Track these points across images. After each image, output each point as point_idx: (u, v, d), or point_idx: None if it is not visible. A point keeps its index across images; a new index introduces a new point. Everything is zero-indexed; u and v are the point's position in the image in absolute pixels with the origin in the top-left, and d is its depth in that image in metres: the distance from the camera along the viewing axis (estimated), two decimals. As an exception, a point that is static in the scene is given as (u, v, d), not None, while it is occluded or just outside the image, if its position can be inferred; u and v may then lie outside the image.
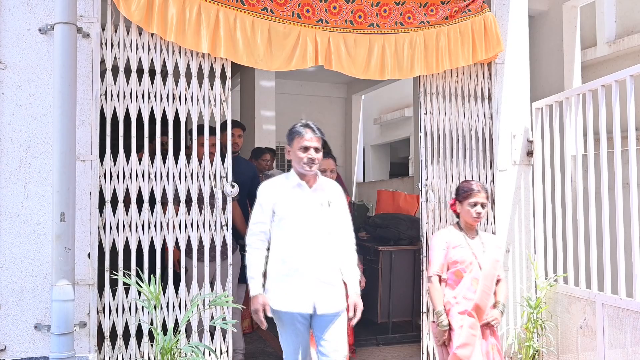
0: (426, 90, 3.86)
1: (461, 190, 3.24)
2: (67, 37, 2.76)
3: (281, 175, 2.91)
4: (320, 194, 2.81)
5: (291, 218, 2.74)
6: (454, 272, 3.15)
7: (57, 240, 2.71)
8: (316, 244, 2.75)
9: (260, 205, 2.79)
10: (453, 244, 3.17)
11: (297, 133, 2.77)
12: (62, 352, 2.70)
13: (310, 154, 2.73)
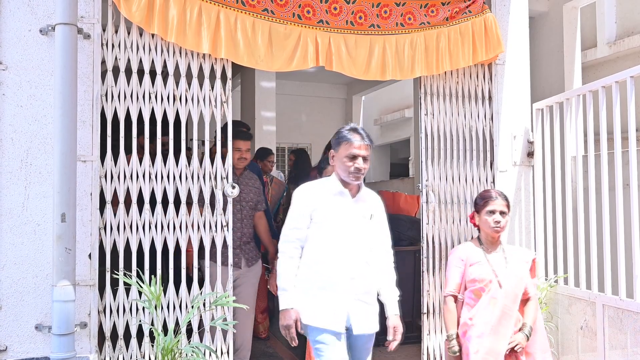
0: (427, 91, 3.86)
1: (478, 198, 3.04)
2: (68, 38, 2.77)
3: (320, 180, 2.76)
4: (362, 206, 2.64)
5: (330, 227, 2.56)
6: (473, 291, 2.90)
7: (58, 240, 2.72)
8: (355, 258, 2.57)
9: (298, 210, 2.59)
10: (471, 261, 2.92)
11: (345, 139, 2.57)
12: (63, 353, 2.70)
13: (358, 163, 2.54)
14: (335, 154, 2.62)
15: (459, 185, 3.92)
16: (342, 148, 2.57)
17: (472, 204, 3.97)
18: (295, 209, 2.61)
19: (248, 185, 3.86)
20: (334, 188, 2.61)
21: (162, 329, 2.89)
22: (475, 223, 3.06)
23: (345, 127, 2.65)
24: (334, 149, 2.63)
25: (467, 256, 2.95)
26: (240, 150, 3.72)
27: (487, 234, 2.96)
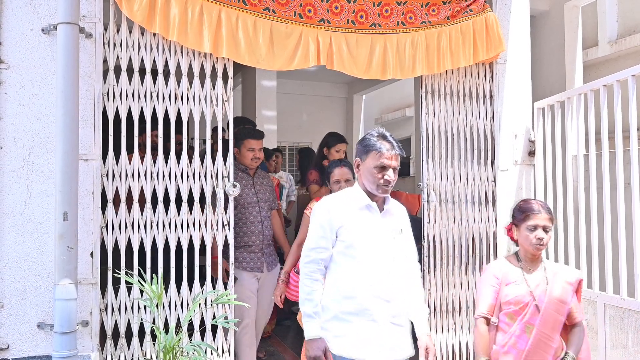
0: (428, 90, 3.86)
1: (517, 210, 2.69)
2: (70, 37, 2.77)
3: (341, 192, 2.53)
4: (390, 220, 2.44)
5: (360, 245, 2.33)
6: (507, 315, 2.57)
7: (59, 239, 2.72)
8: (390, 279, 2.35)
9: (322, 227, 2.35)
10: (507, 280, 2.60)
11: (374, 147, 2.34)
12: (65, 351, 2.71)
13: (388, 175, 2.33)
14: (361, 162, 2.40)
15: (459, 184, 3.93)
16: (370, 157, 2.34)
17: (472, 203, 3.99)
18: (318, 226, 2.36)
19: (263, 185, 3.85)
20: (360, 201, 2.38)
21: (163, 327, 2.90)
22: (512, 237, 2.73)
23: (372, 132, 2.42)
24: (360, 157, 2.40)
25: (503, 274, 2.61)
26: (254, 150, 3.69)
27: (527, 250, 2.62)
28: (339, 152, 4.14)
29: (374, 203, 2.38)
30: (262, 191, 3.80)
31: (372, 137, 2.39)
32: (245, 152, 3.68)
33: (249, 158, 3.67)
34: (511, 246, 4.01)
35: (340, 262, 2.35)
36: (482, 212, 3.98)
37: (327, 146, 4.21)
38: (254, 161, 3.71)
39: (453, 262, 3.86)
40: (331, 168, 3.37)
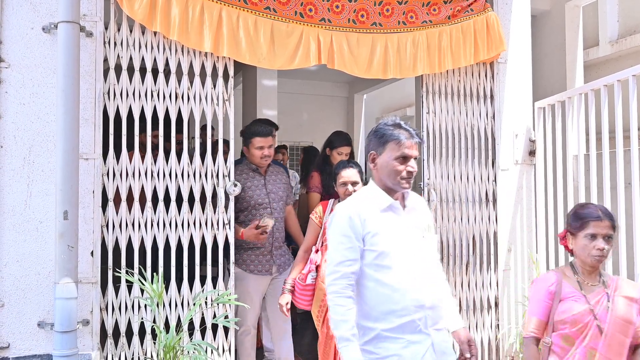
0: (428, 90, 3.86)
1: (574, 217, 2.37)
2: (71, 36, 2.77)
3: (357, 194, 2.26)
4: (415, 217, 2.20)
5: (394, 254, 2.08)
6: (563, 337, 2.25)
7: (60, 238, 2.73)
8: (429, 285, 2.12)
9: (346, 237, 2.07)
10: (562, 295, 2.28)
11: (392, 137, 2.11)
12: (65, 350, 2.72)
13: (411, 166, 2.11)
14: (376, 155, 2.15)
15: (460, 183, 3.93)
16: (388, 149, 2.11)
17: (473, 203, 3.99)
18: (342, 236, 2.08)
19: (277, 183, 3.64)
20: (382, 202, 2.13)
21: (164, 326, 2.90)
22: (567, 246, 2.40)
23: (386, 122, 2.19)
24: (375, 150, 2.16)
25: (557, 288, 2.29)
26: (262, 148, 3.47)
27: (585, 262, 2.30)
28: (341, 155, 3.85)
29: (396, 201, 2.15)
30: (275, 190, 3.59)
31: (387, 126, 2.16)
32: (254, 150, 3.48)
33: (258, 157, 3.47)
34: (511, 246, 4.02)
35: (373, 275, 2.08)
36: (482, 211, 3.98)
37: (330, 146, 3.94)
38: (264, 160, 3.49)
39: (454, 262, 3.86)
40: (338, 169, 3.20)
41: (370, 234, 2.07)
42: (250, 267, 3.48)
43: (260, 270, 3.49)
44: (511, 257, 4.03)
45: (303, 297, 3.16)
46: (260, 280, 3.50)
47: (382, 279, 2.07)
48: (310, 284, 3.14)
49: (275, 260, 3.55)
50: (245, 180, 3.46)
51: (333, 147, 3.90)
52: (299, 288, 3.17)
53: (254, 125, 3.56)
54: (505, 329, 3.94)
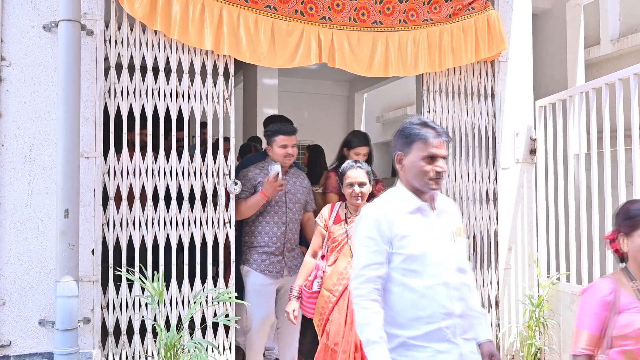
0: (429, 88, 3.86)
1: (624, 216, 2.10)
2: (71, 35, 2.77)
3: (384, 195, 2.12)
4: (446, 219, 2.09)
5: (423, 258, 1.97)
6: (624, 353, 1.99)
7: (61, 236, 2.73)
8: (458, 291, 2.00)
9: (373, 239, 1.98)
10: (620, 306, 2.00)
11: (419, 136, 2.01)
12: (66, 348, 2.72)
13: (439, 165, 2.00)
14: (404, 157, 2.04)
15: (461, 182, 3.92)
16: (415, 148, 2.01)
17: (473, 201, 3.99)
18: (368, 239, 1.99)
19: (296, 185, 3.55)
20: (410, 203, 2.03)
21: (164, 324, 2.90)
22: (618, 249, 2.13)
23: (412, 121, 2.08)
24: (402, 151, 2.05)
25: (614, 298, 2.01)
26: (286, 146, 3.41)
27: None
28: (359, 155, 3.72)
29: (425, 203, 2.04)
30: (294, 191, 3.51)
31: (413, 125, 2.05)
32: (277, 149, 3.41)
33: (281, 155, 3.40)
34: (512, 245, 4.02)
35: (400, 280, 1.98)
36: (483, 210, 3.98)
37: (347, 146, 3.81)
38: (287, 158, 3.43)
39: (454, 261, 3.85)
40: (344, 169, 3.10)
41: (398, 237, 1.98)
42: (261, 266, 3.40)
43: (271, 270, 3.41)
44: (512, 256, 4.03)
45: (310, 304, 3.09)
46: (270, 280, 3.41)
47: (409, 283, 1.97)
48: (317, 291, 3.07)
49: (287, 262, 3.45)
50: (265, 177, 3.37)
51: (351, 147, 3.78)
52: (305, 295, 3.10)
53: (277, 123, 3.54)
54: (506, 328, 3.94)
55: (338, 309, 2.91)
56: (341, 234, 3.06)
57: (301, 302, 3.12)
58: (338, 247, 3.06)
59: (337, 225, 3.10)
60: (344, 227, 3.07)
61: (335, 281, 2.97)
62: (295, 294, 3.13)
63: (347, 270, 2.92)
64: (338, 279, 2.96)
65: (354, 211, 3.07)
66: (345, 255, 3.00)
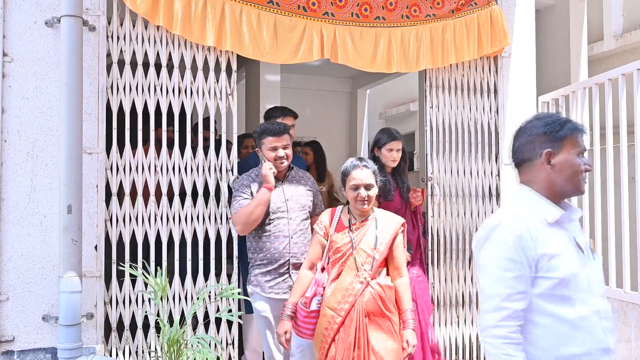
0: (432, 84, 3.85)
1: None
2: (74, 30, 2.77)
3: (515, 204, 1.75)
4: (577, 230, 1.75)
5: (574, 281, 1.62)
6: None
7: (64, 232, 2.73)
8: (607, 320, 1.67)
9: (515, 262, 1.60)
10: None
11: (574, 131, 1.69)
12: (70, 343, 2.73)
13: (588, 163, 1.71)
14: (554, 155, 1.69)
15: (464, 178, 3.92)
16: (568, 144, 1.68)
17: (476, 197, 3.98)
18: (508, 261, 1.61)
19: (298, 190, 3.12)
20: (549, 213, 1.67)
21: (167, 320, 2.91)
22: None
23: (547, 115, 1.76)
24: (551, 147, 1.69)
25: None
26: (275, 149, 3.01)
27: None
28: (392, 151, 3.34)
29: (566, 213, 1.70)
30: (295, 198, 3.09)
31: (556, 119, 1.72)
32: (266, 152, 3.02)
33: (271, 160, 3.00)
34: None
35: (547, 309, 1.61)
36: (485, 206, 3.97)
37: (377, 145, 3.39)
38: (279, 162, 3.01)
39: (457, 256, 3.86)
40: (348, 169, 2.72)
41: (547, 257, 1.61)
42: (266, 289, 3.02)
43: (277, 292, 3.01)
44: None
45: (306, 325, 2.69)
46: (276, 302, 3.00)
47: (560, 313, 1.60)
48: (315, 310, 2.68)
49: (293, 279, 2.99)
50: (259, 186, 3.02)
51: (381, 144, 3.37)
52: (301, 315, 2.70)
53: (265, 123, 3.16)
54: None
55: (344, 330, 2.56)
56: (345, 243, 2.68)
57: (295, 323, 2.72)
58: (342, 259, 2.67)
59: (340, 234, 2.71)
60: (348, 235, 2.69)
61: (340, 298, 2.59)
62: (289, 312, 2.72)
63: (353, 285, 2.59)
64: (343, 295, 2.59)
65: (360, 217, 2.73)
66: (351, 268, 2.63)
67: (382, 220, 2.73)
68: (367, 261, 2.63)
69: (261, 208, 2.95)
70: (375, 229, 2.69)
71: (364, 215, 2.73)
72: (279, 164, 3.02)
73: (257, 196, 2.97)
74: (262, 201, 2.95)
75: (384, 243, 2.67)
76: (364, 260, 2.63)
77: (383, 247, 2.66)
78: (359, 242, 2.66)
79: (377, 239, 2.66)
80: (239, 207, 2.99)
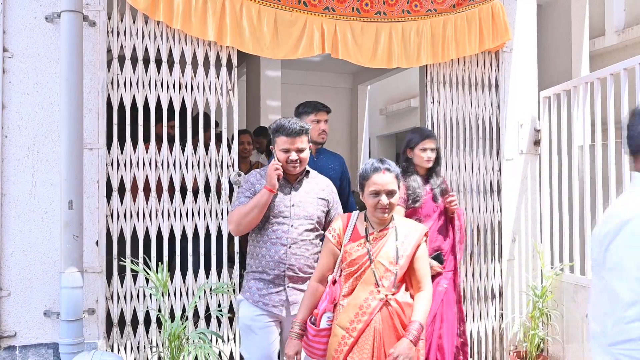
0: (433, 79, 3.84)
1: None
2: (74, 25, 2.77)
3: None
4: None
5: None
6: None
7: (65, 228, 2.74)
8: None
9: None
10: None
11: None
12: (72, 339, 2.74)
13: None
14: None
15: (464, 173, 3.91)
16: None
17: (477, 192, 3.98)
18: None
19: (309, 195, 2.74)
20: None
21: (169, 315, 2.91)
22: None
23: None
24: None
25: None
26: (288, 151, 2.64)
27: None
28: (426, 151, 3.14)
29: None
30: (303, 205, 2.70)
31: None
32: (278, 152, 2.66)
33: (283, 161, 2.64)
34: (515, 236, 4.01)
35: None
36: (487, 201, 3.97)
37: (410, 146, 3.19)
38: (291, 165, 2.64)
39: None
40: (367, 172, 2.38)
41: None
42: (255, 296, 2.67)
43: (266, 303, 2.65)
44: (515, 247, 4.03)
45: (317, 345, 2.38)
46: (264, 313, 2.65)
47: None
48: (326, 329, 2.36)
49: (289, 295, 2.64)
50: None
51: (414, 145, 3.16)
52: (310, 334, 2.39)
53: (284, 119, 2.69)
54: (509, 319, 3.95)
55: (358, 351, 2.26)
56: (361, 255, 2.34)
57: (305, 342, 2.42)
58: (357, 273, 2.34)
59: (355, 244, 2.37)
60: (365, 246, 2.36)
61: (354, 317, 2.28)
62: (297, 330, 2.41)
63: (368, 303, 2.28)
64: (357, 314, 2.28)
65: (378, 226, 2.40)
66: (367, 283, 2.31)
67: (403, 230, 2.40)
68: (386, 276, 2.31)
69: (257, 211, 2.60)
70: (396, 239, 2.36)
71: (383, 224, 2.40)
72: (291, 168, 2.66)
73: (255, 197, 2.62)
74: (260, 204, 2.59)
75: (405, 256, 2.34)
76: (382, 275, 2.31)
77: (404, 261, 2.33)
78: (377, 255, 2.33)
79: (397, 251, 2.34)
80: (238, 204, 2.68)
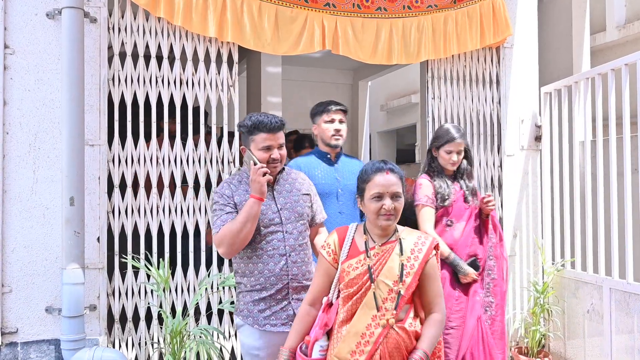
0: (434, 75, 3.84)
1: None
2: (75, 22, 2.77)
3: None
4: None
5: None
6: None
7: (66, 224, 2.74)
8: None
9: None
10: None
11: None
12: (73, 335, 2.75)
13: None
14: None
15: (465, 169, 3.91)
16: None
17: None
18: None
19: (292, 194, 2.43)
20: None
21: (170, 311, 2.92)
22: None
23: None
24: None
25: None
26: (270, 147, 2.32)
27: None
28: (451, 153, 2.96)
29: None
30: (290, 206, 2.40)
31: None
32: (257, 152, 2.33)
33: (264, 161, 2.31)
34: (517, 232, 4.02)
35: None
36: (488, 197, 3.96)
37: (435, 145, 3.03)
38: (272, 165, 2.34)
39: (458, 248, 3.85)
40: (368, 172, 2.08)
41: None
42: (259, 320, 2.33)
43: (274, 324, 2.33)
44: (516, 242, 4.03)
45: None
46: (273, 336, 2.32)
47: None
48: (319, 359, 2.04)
49: (294, 308, 2.34)
50: (246, 194, 2.34)
51: (439, 145, 3.00)
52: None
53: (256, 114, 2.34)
54: (511, 315, 3.95)
55: None
56: (361, 274, 2.02)
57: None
58: (357, 295, 2.02)
59: (353, 261, 2.05)
60: (365, 263, 2.03)
61: (355, 347, 1.96)
62: (285, 357, 2.08)
63: (371, 330, 1.97)
64: (359, 343, 1.96)
65: (380, 239, 2.08)
66: (368, 307, 1.99)
67: (409, 242, 2.07)
68: (390, 297, 1.99)
69: (250, 225, 2.24)
70: (400, 254, 2.04)
71: (386, 236, 2.08)
72: (272, 168, 2.35)
73: (244, 209, 2.24)
74: (251, 215, 2.23)
75: (412, 273, 2.02)
76: (385, 297, 1.99)
77: (410, 279, 2.01)
78: (379, 273, 2.01)
79: (402, 268, 2.02)
80: (222, 224, 2.27)
